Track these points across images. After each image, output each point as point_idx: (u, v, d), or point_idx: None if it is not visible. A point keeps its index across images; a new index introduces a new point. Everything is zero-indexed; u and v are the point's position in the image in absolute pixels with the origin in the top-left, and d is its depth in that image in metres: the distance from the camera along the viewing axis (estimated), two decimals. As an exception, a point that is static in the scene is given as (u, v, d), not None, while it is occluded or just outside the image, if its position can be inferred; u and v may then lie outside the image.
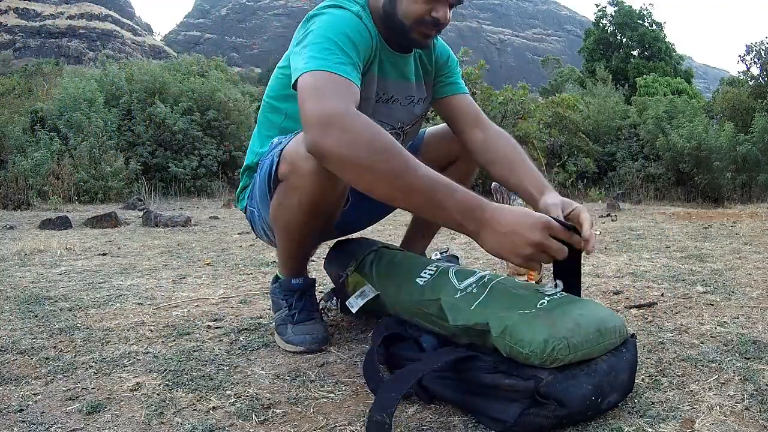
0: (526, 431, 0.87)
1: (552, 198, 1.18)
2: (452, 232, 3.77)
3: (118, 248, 3.16)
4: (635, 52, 24.75)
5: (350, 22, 1.13)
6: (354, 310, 1.29)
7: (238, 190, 1.46)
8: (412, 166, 0.94)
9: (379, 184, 0.95)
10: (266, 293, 1.87)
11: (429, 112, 1.55)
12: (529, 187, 1.24)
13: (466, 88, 1.42)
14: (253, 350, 1.30)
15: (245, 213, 1.45)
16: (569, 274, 1.07)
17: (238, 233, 3.99)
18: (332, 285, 1.60)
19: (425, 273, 1.23)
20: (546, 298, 1.00)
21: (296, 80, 1.05)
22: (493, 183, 1.85)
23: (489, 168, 1.34)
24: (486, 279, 1.11)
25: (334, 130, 0.94)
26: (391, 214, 1.70)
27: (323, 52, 1.06)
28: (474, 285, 1.11)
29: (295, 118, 1.25)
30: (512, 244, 0.92)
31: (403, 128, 1.36)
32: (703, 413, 0.92)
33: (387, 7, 1.19)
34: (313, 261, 1.88)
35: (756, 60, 14.12)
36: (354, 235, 1.59)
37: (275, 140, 1.26)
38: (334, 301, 1.60)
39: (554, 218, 0.97)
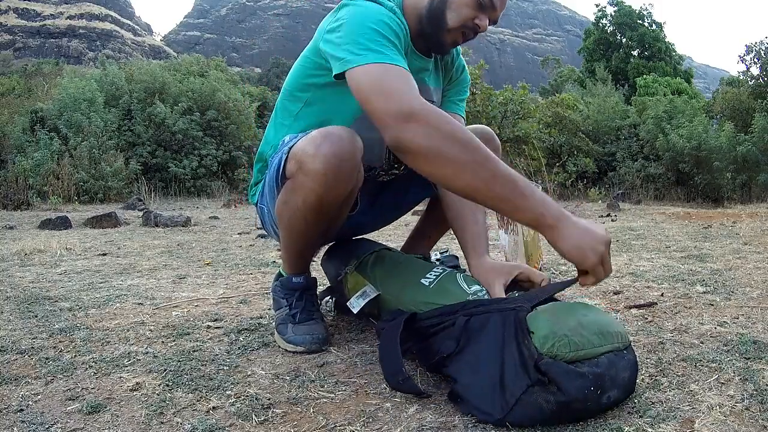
0: (527, 413, 0.87)
1: (489, 265, 1.21)
2: (453, 232, 3.77)
3: (118, 248, 3.17)
4: (635, 52, 24.76)
5: (387, 16, 1.13)
6: (355, 311, 1.29)
7: (251, 183, 1.47)
8: (493, 157, 0.97)
9: (463, 175, 0.96)
10: (266, 293, 1.87)
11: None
12: (467, 243, 1.29)
13: (464, 111, 1.44)
14: (253, 350, 1.30)
15: (256, 208, 1.45)
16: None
17: (238, 233, 3.99)
18: (328, 285, 1.60)
19: (430, 274, 1.23)
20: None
21: (344, 72, 1.06)
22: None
23: (441, 201, 1.38)
24: None
25: (414, 124, 0.97)
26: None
27: (372, 43, 1.05)
28: (484, 291, 1.14)
29: (314, 106, 1.26)
30: (590, 241, 0.96)
31: None
32: (703, 413, 0.91)
33: (435, 4, 1.19)
34: (314, 261, 1.88)
35: (756, 60, 14.13)
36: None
37: (286, 138, 1.26)
38: (328, 301, 1.60)
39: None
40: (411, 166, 1.02)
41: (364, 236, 1.60)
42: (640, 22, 25.06)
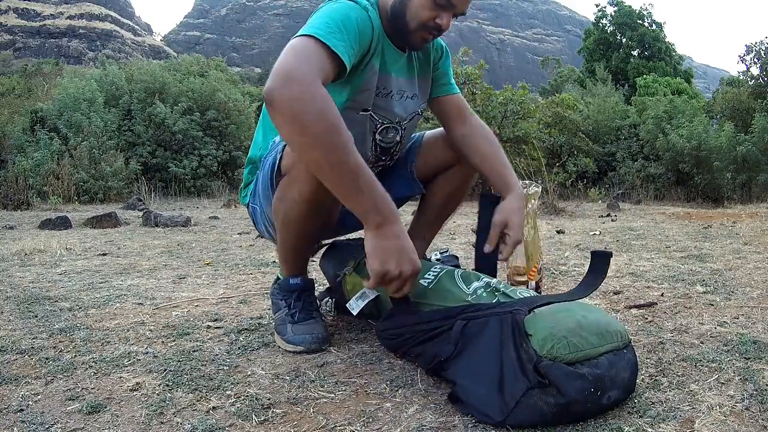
0: (527, 416, 0.87)
1: (508, 208, 1.30)
2: (452, 232, 3.78)
3: (118, 248, 3.16)
4: (635, 52, 24.75)
5: (355, 11, 1.17)
6: (355, 312, 1.28)
7: (242, 185, 1.48)
8: (350, 147, 1.00)
9: (314, 150, 1.00)
10: (266, 293, 1.87)
11: (426, 111, 1.59)
12: (494, 183, 1.39)
13: (456, 87, 1.49)
14: (253, 350, 1.30)
15: (248, 209, 1.46)
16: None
17: (238, 233, 3.99)
18: (327, 286, 1.60)
19: (429, 275, 1.23)
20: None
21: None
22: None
23: (467, 158, 1.43)
24: (492, 286, 1.15)
25: (295, 86, 0.99)
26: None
27: (321, 25, 1.10)
28: (482, 290, 1.14)
29: None
30: (388, 253, 1.04)
31: (400, 123, 1.37)
32: (703, 413, 0.92)
33: (396, 7, 1.23)
34: (313, 261, 1.88)
35: (756, 60, 14.12)
36: (352, 235, 1.59)
37: (276, 139, 1.30)
38: (328, 301, 1.60)
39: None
40: (273, 123, 1.03)
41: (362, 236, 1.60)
42: (640, 22, 25.06)
